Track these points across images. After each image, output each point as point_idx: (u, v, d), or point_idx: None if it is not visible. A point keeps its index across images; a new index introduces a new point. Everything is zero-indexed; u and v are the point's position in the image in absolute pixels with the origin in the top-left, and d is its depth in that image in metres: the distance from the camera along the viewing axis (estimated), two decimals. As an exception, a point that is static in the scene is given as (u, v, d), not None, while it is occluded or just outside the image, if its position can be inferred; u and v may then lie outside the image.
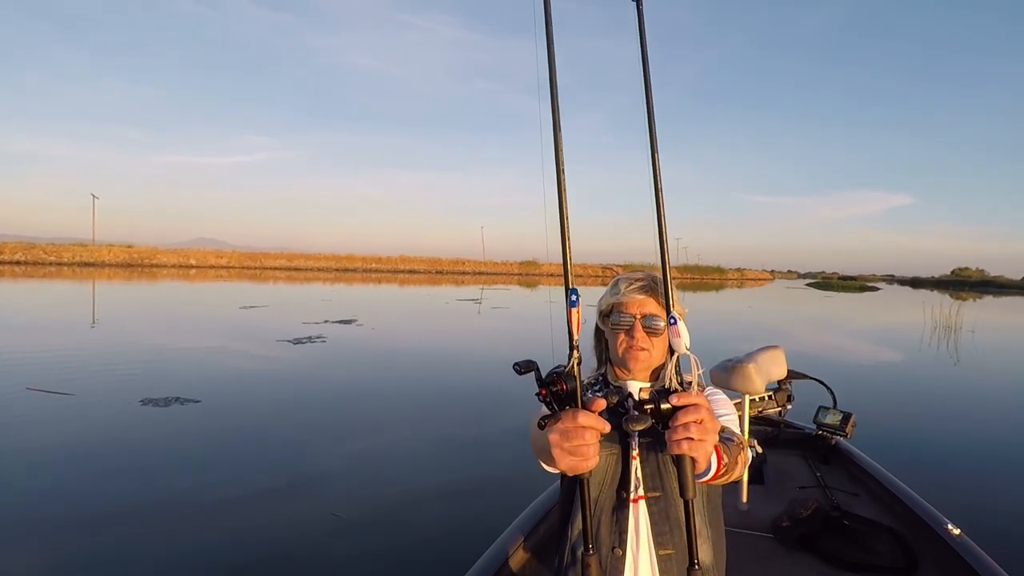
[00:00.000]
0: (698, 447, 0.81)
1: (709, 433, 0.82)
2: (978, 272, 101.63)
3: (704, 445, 0.81)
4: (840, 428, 3.26)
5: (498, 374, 8.28)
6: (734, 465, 1.04)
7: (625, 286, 1.32)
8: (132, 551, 3.01)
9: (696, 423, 0.81)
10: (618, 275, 1.39)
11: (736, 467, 1.05)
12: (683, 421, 0.81)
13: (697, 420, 0.81)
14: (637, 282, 1.31)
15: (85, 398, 5.83)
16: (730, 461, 1.01)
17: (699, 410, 0.81)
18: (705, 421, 0.81)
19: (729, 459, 1.01)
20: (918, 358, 11.34)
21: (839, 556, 2.28)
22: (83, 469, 4.05)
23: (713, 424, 0.82)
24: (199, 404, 5.77)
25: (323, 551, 3.09)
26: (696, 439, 0.81)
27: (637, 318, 1.29)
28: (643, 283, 1.31)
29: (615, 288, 1.34)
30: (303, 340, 10.27)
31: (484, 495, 3.91)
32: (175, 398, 5.90)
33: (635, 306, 1.30)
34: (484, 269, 67.00)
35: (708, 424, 0.81)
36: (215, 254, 57.64)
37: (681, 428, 0.81)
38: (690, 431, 0.81)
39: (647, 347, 1.29)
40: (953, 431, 6.14)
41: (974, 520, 2.68)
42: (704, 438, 0.81)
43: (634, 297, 1.30)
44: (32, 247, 47.92)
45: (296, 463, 4.36)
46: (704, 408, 0.81)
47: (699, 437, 0.81)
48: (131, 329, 11.44)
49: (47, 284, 24.25)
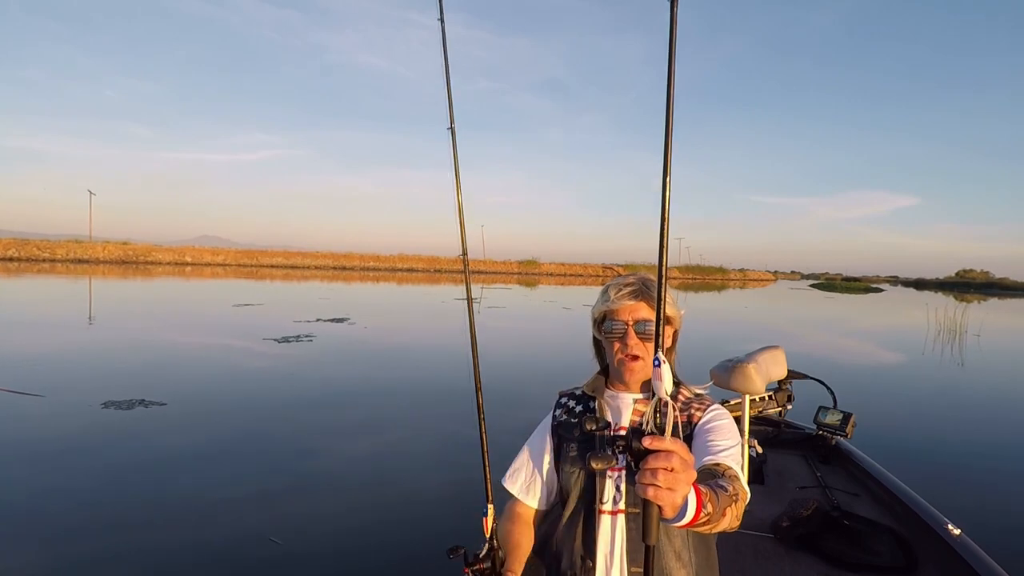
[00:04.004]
0: (664, 496, 0.76)
1: (679, 483, 0.76)
2: (983, 274, 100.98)
3: (672, 495, 0.76)
4: (840, 428, 3.26)
5: (490, 375, 8.26)
6: (719, 517, 0.96)
7: (615, 292, 1.28)
8: (102, 555, 2.98)
9: (665, 470, 0.76)
10: (609, 281, 1.36)
11: (723, 519, 0.98)
12: (652, 467, 0.76)
13: (667, 467, 0.76)
14: (627, 287, 1.27)
15: (53, 398, 5.66)
16: (715, 511, 0.94)
17: (670, 458, 0.76)
18: (676, 470, 0.76)
19: (714, 509, 0.94)
20: (920, 360, 11.33)
21: (839, 556, 2.28)
22: (42, 472, 3.90)
23: (687, 474, 0.77)
24: (164, 407, 5.53)
25: (310, 553, 3.08)
26: (663, 487, 0.76)
27: (629, 324, 1.26)
28: (633, 287, 1.27)
29: (605, 294, 1.30)
30: (290, 339, 10.18)
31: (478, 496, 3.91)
32: (139, 400, 5.66)
33: (626, 312, 1.26)
34: (483, 268, 66.97)
35: (680, 474, 0.76)
36: (211, 251, 57.55)
37: (648, 473, 0.76)
38: (657, 478, 0.76)
39: (641, 355, 1.26)
40: (954, 431, 6.15)
41: (974, 520, 2.69)
42: (673, 487, 0.76)
43: (625, 303, 1.26)
44: (25, 243, 47.75)
45: (263, 465, 4.24)
46: (677, 456, 0.76)
47: (666, 486, 0.76)
48: (113, 327, 11.35)
49: (37, 280, 24.15)
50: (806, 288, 61.95)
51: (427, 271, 60.26)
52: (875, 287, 72.32)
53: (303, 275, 41.04)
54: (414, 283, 36.71)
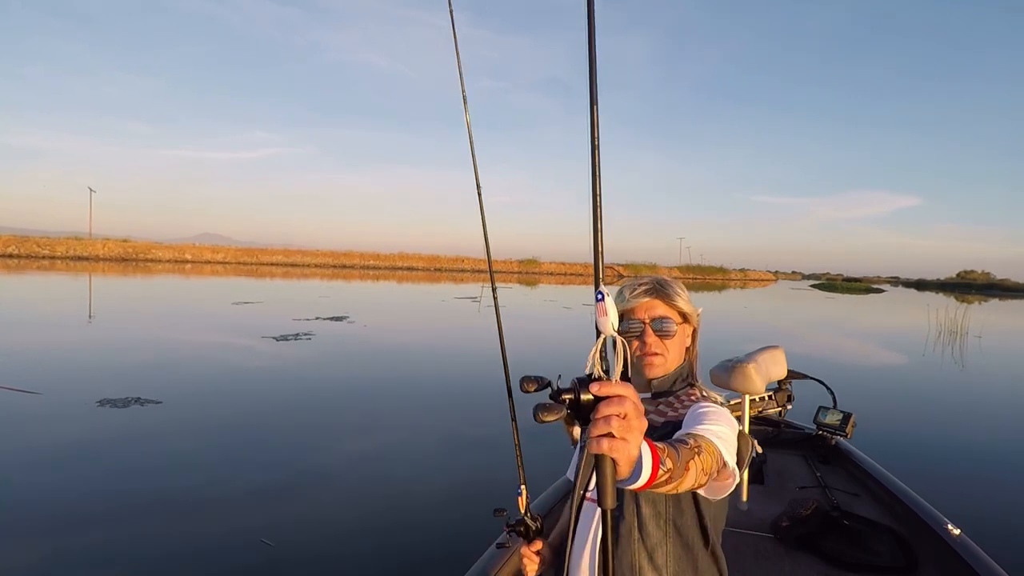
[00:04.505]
0: (619, 447, 0.68)
1: (632, 431, 0.68)
2: (984, 275, 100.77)
3: (626, 446, 0.68)
4: (840, 428, 3.26)
5: (483, 373, 8.25)
6: (682, 472, 0.86)
7: (630, 291, 1.30)
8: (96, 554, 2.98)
9: (619, 417, 0.68)
10: (623, 283, 1.37)
11: (687, 475, 0.88)
12: (604, 414, 0.68)
13: (620, 414, 0.68)
14: (642, 286, 1.30)
15: (50, 396, 5.66)
16: (675, 467, 0.84)
17: (623, 402, 0.68)
18: (630, 416, 0.69)
19: (675, 464, 0.84)
20: (921, 361, 11.33)
21: (839, 556, 2.28)
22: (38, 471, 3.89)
23: (639, 422, 0.70)
24: (159, 405, 5.54)
25: (305, 555, 3.07)
26: (618, 436, 0.68)
27: (646, 322, 1.28)
28: (648, 286, 1.30)
29: (620, 295, 1.33)
30: (289, 337, 10.18)
31: (479, 495, 3.90)
32: (135, 398, 5.66)
33: (643, 310, 1.29)
34: (483, 267, 66.95)
35: (633, 421, 0.69)
36: (211, 249, 57.53)
37: (601, 422, 0.68)
38: (611, 425, 0.67)
39: (661, 351, 1.28)
40: (954, 432, 6.16)
41: (974, 520, 2.68)
42: (626, 436, 0.68)
43: (641, 301, 1.29)
44: (25, 240, 47.72)
45: (254, 463, 4.24)
46: (629, 401, 0.69)
47: (620, 434, 0.67)
48: (111, 324, 11.34)
49: (36, 277, 24.15)
50: (807, 288, 61.96)
51: (427, 270, 60.31)
52: (876, 288, 72.33)
53: (303, 273, 41.04)
54: (414, 281, 36.72)
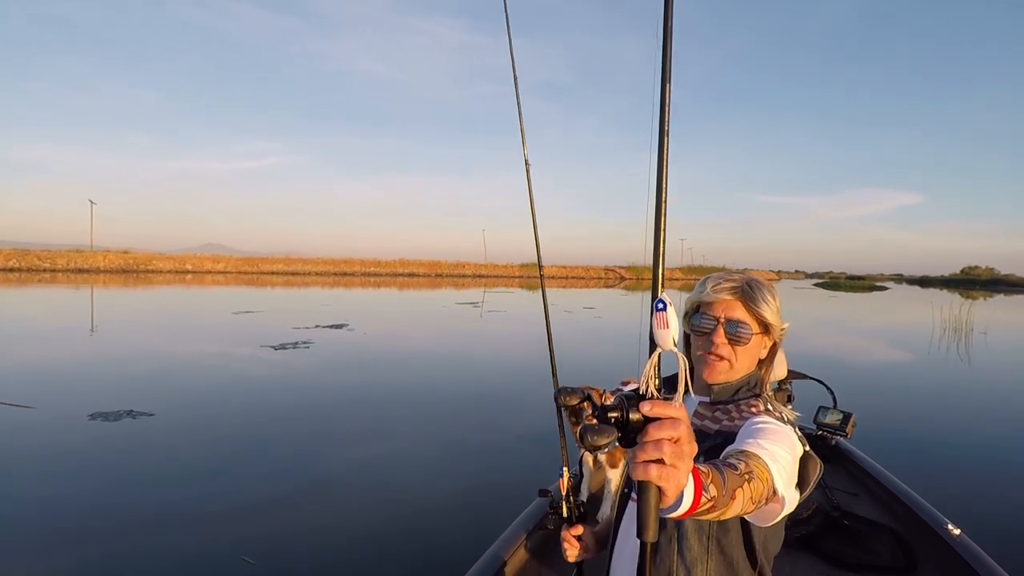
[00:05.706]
0: (668, 475, 0.61)
1: (684, 458, 0.62)
2: (988, 271, 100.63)
3: (676, 473, 0.61)
4: (840, 428, 3.26)
5: (485, 378, 8.26)
6: (727, 501, 0.78)
7: (712, 284, 1.17)
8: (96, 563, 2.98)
9: (671, 441, 0.61)
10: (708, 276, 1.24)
11: (733, 503, 0.79)
12: (655, 437, 0.61)
13: (672, 438, 0.61)
14: (729, 282, 1.17)
15: (44, 411, 5.62)
16: (720, 495, 0.75)
17: (677, 425, 0.61)
18: (682, 441, 0.62)
19: (719, 492, 0.75)
20: (924, 359, 11.30)
21: (839, 556, 2.28)
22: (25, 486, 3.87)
23: (691, 447, 0.63)
24: (152, 418, 5.50)
25: (310, 558, 3.07)
26: (668, 463, 0.61)
27: (721, 321, 1.16)
28: (735, 284, 1.17)
29: (702, 285, 1.20)
30: (288, 345, 10.17)
31: (480, 498, 3.90)
32: (127, 411, 5.62)
33: (720, 308, 1.16)
34: (485, 272, 66.99)
35: (685, 447, 0.62)
36: (212, 259, 57.55)
37: (651, 446, 0.61)
38: (663, 450, 0.61)
39: (727, 356, 1.15)
40: (954, 431, 6.14)
41: (974, 520, 2.68)
42: (677, 464, 0.61)
43: (721, 297, 1.16)
44: (26, 253, 47.74)
45: (247, 476, 4.22)
46: (683, 424, 0.62)
47: (671, 461, 0.61)
48: (111, 337, 11.33)
49: (37, 291, 24.18)
50: (810, 287, 61.86)
51: (428, 276, 60.30)
52: (879, 285, 72.19)
53: (304, 281, 41.06)
54: (415, 288, 36.72)
